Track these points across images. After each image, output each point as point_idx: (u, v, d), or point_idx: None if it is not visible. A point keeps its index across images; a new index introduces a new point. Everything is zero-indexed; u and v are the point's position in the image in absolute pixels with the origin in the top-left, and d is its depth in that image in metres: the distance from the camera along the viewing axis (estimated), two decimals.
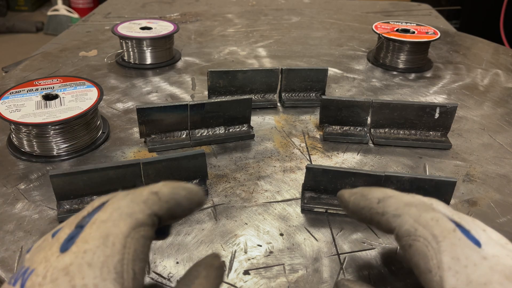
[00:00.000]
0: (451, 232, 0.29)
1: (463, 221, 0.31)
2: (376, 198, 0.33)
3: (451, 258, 0.28)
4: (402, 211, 0.31)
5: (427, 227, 0.30)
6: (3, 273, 0.39)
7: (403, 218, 0.31)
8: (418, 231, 0.30)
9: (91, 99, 0.56)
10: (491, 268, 0.27)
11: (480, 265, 0.27)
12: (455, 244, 0.28)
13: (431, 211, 0.31)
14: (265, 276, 0.40)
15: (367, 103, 0.59)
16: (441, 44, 0.98)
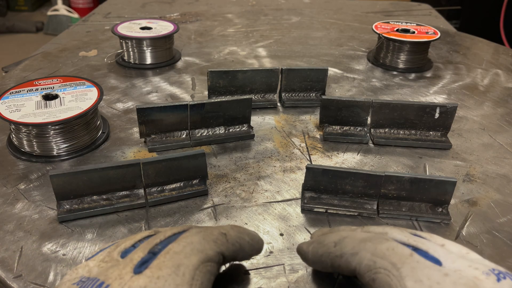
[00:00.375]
0: (409, 256, 0.29)
1: (419, 244, 0.31)
2: (332, 242, 0.34)
3: (414, 281, 0.28)
4: (359, 248, 0.32)
5: (385, 257, 0.30)
6: (3, 273, 0.39)
7: (360, 255, 0.31)
8: (377, 263, 0.30)
9: (91, 99, 0.56)
10: (454, 283, 0.27)
11: (443, 282, 0.27)
12: (415, 267, 0.29)
13: (385, 241, 0.31)
14: (265, 276, 0.40)
15: (367, 103, 0.59)
16: (441, 44, 0.98)
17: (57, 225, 0.44)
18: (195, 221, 0.46)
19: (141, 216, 0.46)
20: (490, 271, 0.28)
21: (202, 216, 0.46)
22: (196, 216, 0.46)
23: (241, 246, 0.33)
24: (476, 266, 0.29)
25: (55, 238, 0.43)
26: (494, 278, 0.28)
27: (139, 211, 0.47)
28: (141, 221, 0.46)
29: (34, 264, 0.40)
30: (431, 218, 0.46)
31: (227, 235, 0.32)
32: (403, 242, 0.32)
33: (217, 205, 0.48)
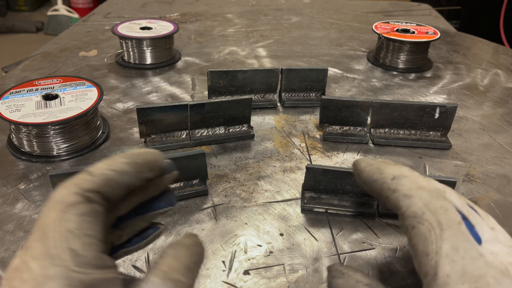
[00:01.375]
0: (456, 224, 0.29)
1: (470, 216, 0.31)
2: (391, 174, 0.34)
3: (451, 247, 0.28)
4: (414, 192, 0.32)
5: (435, 213, 0.30)
6: (3, 273, 0.39)
7: (413, 200, 0.31)
8: (425, 215, 0.30)
9: (91, 99, 0.56)
10: (487, 264, 0.27)
11: (477, 260, 0.28)
12: (457, 236, 0.29)
13: (442, 199, 0.31)
14: (265, 276, 0.40)
15: (367, 103, 0.59)
16: (441, 44, 0.98)
17: None
18: (195, 221, 0.46)
19: None
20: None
21: (202, 216, 0.46)
22: (196, 216, 0.46)
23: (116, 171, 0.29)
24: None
25: None
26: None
27: None
28: None
29: None
30: None
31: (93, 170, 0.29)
32: (457, 207, 0.31)
33: (217, 205, 0.48)
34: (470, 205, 0.33)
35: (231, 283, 0.39)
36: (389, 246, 0.43)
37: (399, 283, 0.39)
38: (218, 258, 0.41)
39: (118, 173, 0.29)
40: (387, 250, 0.43)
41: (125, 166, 0.29)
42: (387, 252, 0.42)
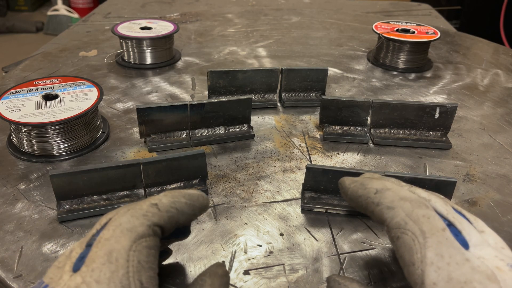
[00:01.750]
0: (440, 230, 0.30)
1: (456, 222, 0.31)
2: (374, 188, 0.35)
3: (435, 254, 0.28)
4: (397, 204, 0.32)
5: (417, 222, 0.30)
6: (3, 273, 0.39)
7: (395, 211, 0.32)
8: (408, 225, 0.31)
9: (91, 99, 0.56)
10: (473, 269, 0.28)
11: (462, 265, 0.28)
12: (441, 242, 0.29)
13: (425, 208, 0.32)
14: (265, 276, 0.40)
15: (367, 103, 0.59)
16: (441, 44, 0.98)
17: (57, 225, 0.44)
18: (195, 221, 0.46)
19: None
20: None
21: (202, 216, 0.46)
22: None
23: (178, 210, 0.32)
24: (502, 257, 0.29)
25: (55, 238, 0.43)
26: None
27: None
28: None
29: (34, 264, 0.40)
30: None
31: (159, 204, 0.31)
32: (442, 214, 0.32)
33: (217, 205, 0.48)
34: (458, 210, 0.33)
35: (231, 283, 0.39)
36: (389, 246, 0.43)
37: (399, 283, 0.39)
38: (218, 258, 0.41)
39: (179, 212, 0.32)
40: (387, 250, 0.43)
41: (185, 206, 0.32)
42: (387, 252, 0.42)
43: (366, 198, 0.34)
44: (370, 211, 0.34)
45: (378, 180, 0.36)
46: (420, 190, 0.35)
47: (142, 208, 0.31)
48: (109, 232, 0.29)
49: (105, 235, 0.29)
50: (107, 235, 0.29)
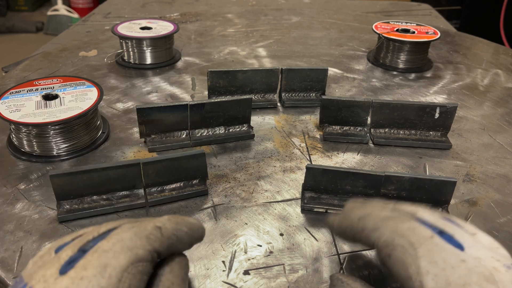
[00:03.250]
0: (428, 239, 0.30)
1: (447, 227, 0.31)
2: (356, 217, 0.34)
3: (429, 262, 0.28)
4: (380, 224, 0.32)
5: (404, 236, 0.30)
6: (3, 273, 0.39)
7: (381, 231, 0.32)
8: (396, 240, 0.30)
9: (91, 99, 0.56)
10: (470, 270, 0.27)
11: (458, 267, 0.28)
12: (432, 250, 0.29)
13: (408, 221, 0.32)
14: (265, 276, 0.40)
15: (367, 103, 0.59)
16: (441, 44, 0.98)
17: (57, 225, 0.44)
18: None
19: (141, 216, 0.46)
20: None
21: (202, 216, 0.46)
22: (196, 216, 0.46)
23: (178, 239, 0.31)
24: (499, 258, 0.29)
25: (55, 238, 0.43)
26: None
27: (139, 211, 0.47)
28: None
29: None
30: None
31: (162, 229, 0.31)
32: (430, 223, 0.32)
33: (217, 205, 0.48)
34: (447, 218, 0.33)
35: (231, 283, 0.39)
36: None
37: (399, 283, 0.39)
38: (218, 258, 0.41)
39: (178, 241, 0.31)
40: None
41: (185, 236, 0.32)
42: None
43: (351, 228, 0.34)
44: (359, 239, 0.34)
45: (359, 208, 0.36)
46: (406, 206, 0.35)
47: (146, 229, 0.30)
48: (108, 245, 0.28)
49: (104, 246, 0.28)
50: (106, 247, 0.28)
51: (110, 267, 0.26)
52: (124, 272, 0.27)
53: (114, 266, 0.26)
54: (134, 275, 0.27)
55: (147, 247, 0.29)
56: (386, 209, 0.35)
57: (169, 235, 0.31)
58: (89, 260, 0.27)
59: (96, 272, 0.26)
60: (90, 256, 0.27)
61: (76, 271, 0.26)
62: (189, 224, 0.33)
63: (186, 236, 0.32)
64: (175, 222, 0.32)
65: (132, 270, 0.27)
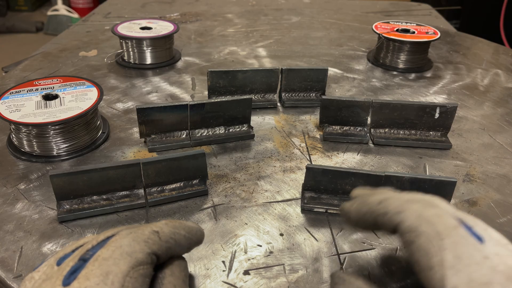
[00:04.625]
0: (454, 229, 0.29)
1: (466, 218, 0.31)
2: (376, 200, 0.34)
3: (454, 256, 0.28)
4: (404, 207, 0.31)
5: (431, 223, 0.30)
6: (3, 273, 0.39)
7: (405, 214, 0.31)
8: (422, 226, 0.30)
9: (91, 99, 0.56)
10: (493, 269, 0.27)
11: (482, 264, 0.27)
12: (458, 242, 0.28)
13: (434, 207, 0.31)
14: (265, 276, 0.40)
15: (367, 103, 0.59)
16: (441, 44, 0.98)
17: (57, 225, 0.44)
18: (195, 221, 0.46)
19: (141, 216, 0.46)
20: None
21: (202, 216, 0.46)
22: (196, 216, 0.46)
23: (176, 242, 0.32)
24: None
25: (55, 238, 0.43)
26: None
27: (139, 211, 0.47)
28: (141, 221, 0.46)
29: (34, 264, 0.40)
30: None
31: (160, 233, 0.31)
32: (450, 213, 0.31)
33: (217, 205, 0.48)
34: None
35: (231, 283, 0.39)
36: (389, 246, 0.43)
37: (399, 283, 0.39)
38: (218, 258, 0.41)
39: (176, 244, 0.32)
40: (387, 250, 0.43)
41: (183, 239, 0.32)
42: (387, 252, 0.42)
43: (372, 212, 0.33)
44: (380, 223, 0.33)
45: (377, 193, 0.35)
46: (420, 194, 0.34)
47: (144, 234, 0.30)
48: (108, 252, 0.28)
49: (104, 254, 0.28)
50: (105, 255, 0.28)
51: (112, 274, 0.27)
52: (126, 277, 0.27)
53: (116, 273, 0.27)
54: (136, 279, 0.27)
55: (146, 250, 0.29)
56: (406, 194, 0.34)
57: (166, 239, 0.31)
58: (91, 270, 0.27)
59: (99, 280, 0.26)
60: (91, 266, 0.28)
61: (79, 282, 0.27)
62: (187, 228, 0.33)
63: (184, 240, 0.33)
64: (172, 226, 0.32)
65: (133, 274, 0.28)
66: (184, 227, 0.33)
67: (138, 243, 0.29)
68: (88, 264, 0.28)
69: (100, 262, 0.28)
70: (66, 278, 0.27)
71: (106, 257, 0.28)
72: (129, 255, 0.28)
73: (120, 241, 0.29)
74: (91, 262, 0.28)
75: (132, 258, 0.28)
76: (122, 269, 0.27)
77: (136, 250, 0.29)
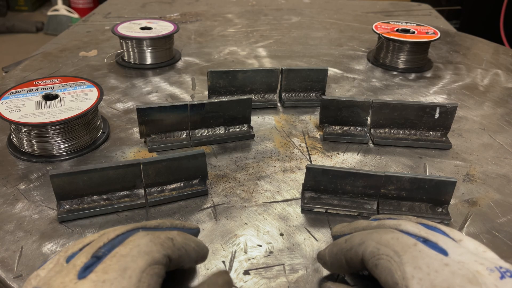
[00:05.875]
0: (412, 246, 0.31)
1: (430, 236, 0.33)
2: (343, 239, 0.36)
3: (413, 268, 0.29)
4: (365, 238, 0.34)
5: (389, 245, 0.32)
6: (3, 273, 0.39)
7: (366, 243, 0.33)
8: (381, 250, 0.32)
9: (91, 99, 0.56)
10: (453, 273, 0.28)
11: (442, 271, 0.29)
12: (416, 256, 0.30)
13: (391, 232, 0.33)
14: (265, 276, 0.40)
15: (367, 103, 0.59)
16: (441, 44, 0.98)
17: (57, 225, 0.45)
18: (195, 221, 0.46)
19: (141, 216, 0.46)
20: (495, 268, 0.29)
21: (202, 216, 0.46)
22: (196, 216, 0.46)
23: (187, 252, 0.34)
24: (482, 261, 0.29)
25: (55, 238, 0.43)
26: (497, 275, 0.28)
27: (139, 211, 0.47)
28: (141, 221, 0.46)
29: (34, 264, 0.40)
30: (431, 218, 0.46)
31: (174, 240, 0.33)
32: (414, 233, 0.33)
33: (217, 205, 0.48)
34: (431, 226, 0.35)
35: None
36: None
37: None
38: (218, 258, 0.41)
39: (186, 254, 0.33)
40: None
41: (192, 251, 0.34)
42: None
43: (341, 250, 0.35)
44: (349, 259, 0.34)
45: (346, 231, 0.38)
46: (389, 221, 0.36)
47: (160, 237, 0.32)
48: (126, 250, 0.30)
49: (122, 251, 0.29)
50: (123, 252, 0.29)
51: (129, 269, 0.28)
52: (143, 273, 0.28)
53: (134, 268, 0.28)
54: (151, 276, 0.29)
55: (162, 252, 0.31)
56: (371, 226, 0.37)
57: (179, 246, 0.33)
58: (109, 265, 0.28)
59: (117, 274, 0.27)
60: (109, 261, 0.29)
61: (97, 275, 0.27)
62: (196, 242, 0.35)
63: (193, 252, 0.34)
64: (184, 237, 0.34)
65: (150, 271, 0.29)
66: (194, 240, 0.35)
67: (155, 244, 0.31)
68: (105, 259, 0.29)
69: (118, 258, 0.29)
70: (80, 272, 0.28)
71: (124, 254, 0.29)
72: (146, 254, 0.30)
73: (138, 240, 0.31)
74: (108, 257, 0.29)
75: (149, 257, 0.29)
76: (139, 265, 0.28)
77: (153, 250, 0.30)
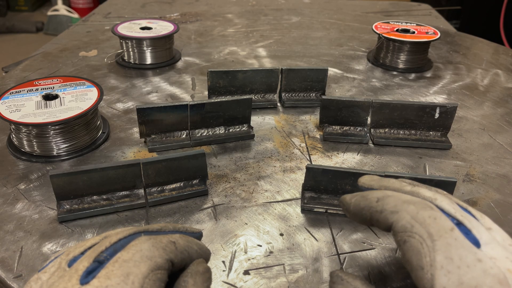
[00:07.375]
0: (448, 231, 0.29)
1: (466, 220, 0.31)
2: (375, 197, 0.34)
3: (445, 257, 0.28)
4: (400, 207, 0.32)
5: (424, 224, 0.30)
6: (3, 273, 0.39)
7: (400, 214, 0.31)
8: (415, 228, 0.30)
9: (91, 99, 0.56)
10: (485, 271, 0.27)
11: (474, 267, 0.27)
12: (450, 244, 0.28)
13: (430, 209, 0.31)
14: (265, 276, 0.40)
15: (367, 103, 0.59)
16: (441, 44, 0.98)
17: (57, 225, 0.45)
18: (195, 221, 0.46)
19: (141, 216, 0.46)
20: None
21: (202, 216, 0.46)
22: (196, 216, 0.46)
23: (189, 254, 0.33)
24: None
25: (55, 238, 0.43)
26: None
27: (139, 211, 0.47)
28: (141, 221, 0.46)
29: (34, 264, 0.40)
30: None
31: (176, 243, 0.33)
32: (450, 213, 0.31)
33: (217, 205, 0.48)
34: (464, 207, 0.33)
35: (231, 283, 0.39)
36: (389, 246, 0.43)
37: (399, 283, 0.39)
38: (218, 258, 0.41)
39: (189, 257, 0.33)
40: (387, 250, 0.43)
41: (195, 254, 0.34)
42: (387, 252, 0.42)
43: (369, 208, 0.34)
44: (375, 220, 0.33)
45: (378, 190, 0.36)
46: (424, 190, 0.34)
47: (162, 241, 0.32)
48: (128, 255, 0.29)
49: (124, 257, 0.29)
50: (126, 257, 0.29)
51: (132, 275, 0.28)
52: (145, 279, 0.28)
53: (136, 273, 0.28)
54: (154, 281, 0.29)
55: (165, 256, 0.30)
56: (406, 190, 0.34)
57: (182, 250, 0.33)
58: (111, 270, 0.28)
59: (120, 280, 0.27)
60: (112, 266, 0.28)
61: (99, 281, 0.27)
62: (199, 244, 0.35)
63: (196, 254, 0.34)
64: (186, 240, 0.34)
65: (152, 277, 0.29)
66: (196, 243, 0.35)
67: (157, 249, 0.30)
68: (107, 264, 0.29)
69: (121, 263, 0.28)
70: (83, 277, 0.28)
71: (127, 259, 0.29)
72: (149, 259, 0.29)
73: (140, 245, 0.30)
74: (111, 263, 0.29)
75: (152, 262, 0.29)
76: (142, 270, 0.28)
77: (156, 255, 0.30)
